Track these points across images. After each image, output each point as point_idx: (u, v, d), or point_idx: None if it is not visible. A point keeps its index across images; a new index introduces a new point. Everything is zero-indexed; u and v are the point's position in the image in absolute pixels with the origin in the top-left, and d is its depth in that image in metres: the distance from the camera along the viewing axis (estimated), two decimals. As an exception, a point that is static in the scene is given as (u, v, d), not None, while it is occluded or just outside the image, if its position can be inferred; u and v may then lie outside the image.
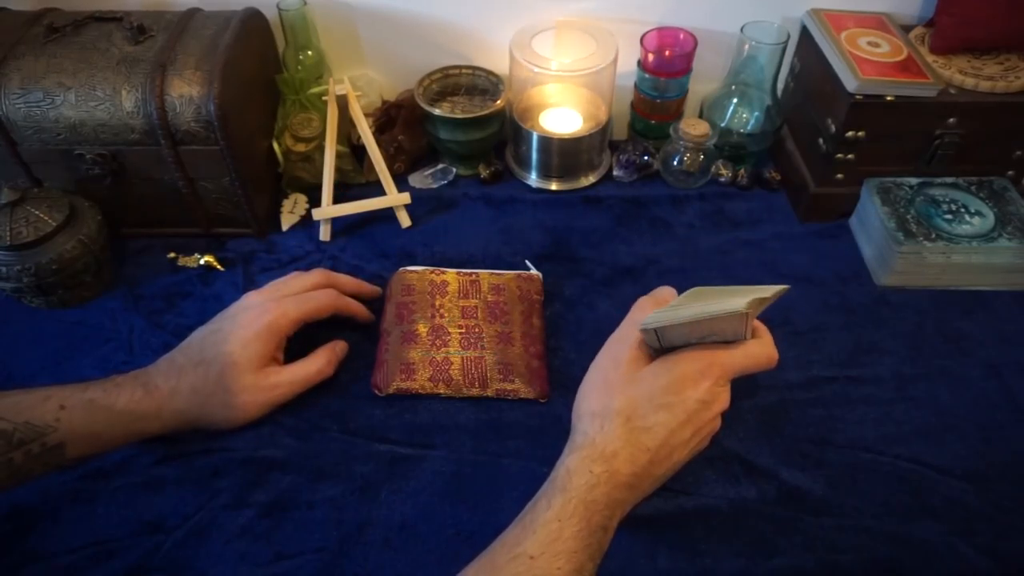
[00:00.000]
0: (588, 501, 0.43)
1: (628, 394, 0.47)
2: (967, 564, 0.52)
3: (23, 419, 0.48)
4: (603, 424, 0.47)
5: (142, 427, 0.53)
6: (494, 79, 0.83)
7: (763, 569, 0.52)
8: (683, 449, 0.47)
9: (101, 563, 0.52)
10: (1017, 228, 0.70)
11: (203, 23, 0.72)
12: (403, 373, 0.61)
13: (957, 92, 0.71)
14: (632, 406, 0.47)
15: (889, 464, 0.58)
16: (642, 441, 0.46)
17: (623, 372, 0.49)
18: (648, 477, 0.46)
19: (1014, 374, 0.64)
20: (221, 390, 0.55)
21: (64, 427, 0.49)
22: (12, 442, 0.47)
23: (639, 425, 0.46)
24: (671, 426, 0.46)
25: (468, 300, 0.67)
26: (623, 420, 0.46)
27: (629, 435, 0.46)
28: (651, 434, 0.46)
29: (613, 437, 0.46)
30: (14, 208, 0.64)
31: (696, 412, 0.47)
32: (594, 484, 0.44)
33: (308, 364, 0.60)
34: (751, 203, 0.82)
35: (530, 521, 0.43)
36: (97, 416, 0.51)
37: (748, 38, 0.76)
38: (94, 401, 0.51)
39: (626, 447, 0.45)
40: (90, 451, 0.51)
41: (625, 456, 0.45)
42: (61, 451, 0.49)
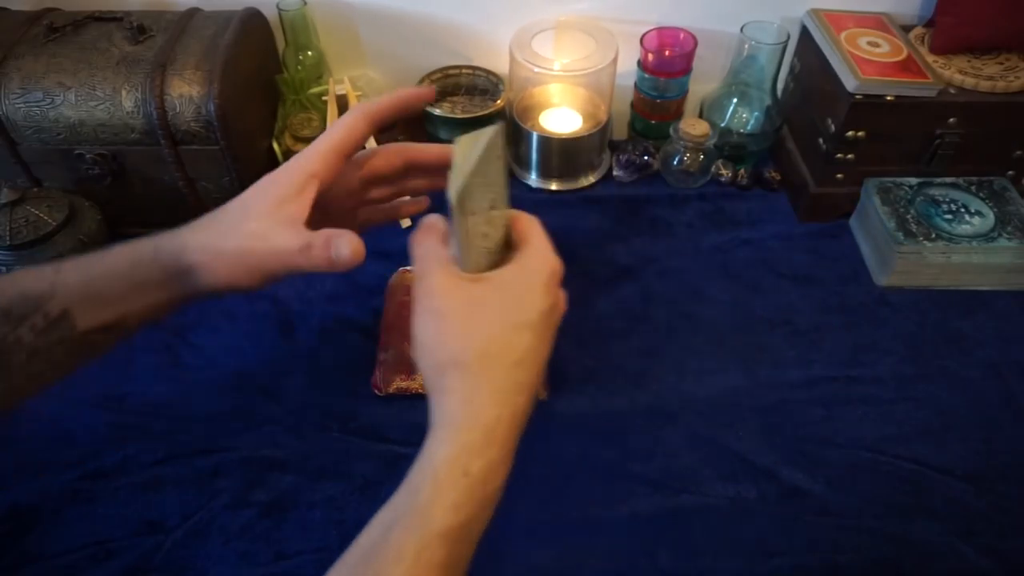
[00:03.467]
0: (452, 529, 0.34)
1: (482, 323, 0.38)
2: (967, 564, 0.52)
3: (17, 290, 0.42)
4: (471, 372, 0.37)
5: (143, 275, 0.44)
6: (494, 79, 0.83)
7: (763, 569, 0.52)
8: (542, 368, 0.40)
9: (101, 563, 0.52)
10: (1017, 228, 0.70)
11: (203, 23, 0.72)
12: (403, 373, 0.61)
13: (957, 92, 0.71)
14: (496, 335, 0.38)
15: (889, 464, 0.58)
16: (520, 379, 0.38)
17: (458, 298, 0.39)
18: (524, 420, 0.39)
19: (1014, 374, 0.64)
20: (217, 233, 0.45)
21: (60, 291, 0.42)
22: (11, 318, 0.41)
23: (511, 360, 0.37)
24: (540, 350, 0.39)
25: None
26: (495, 358, 0.37)
27: (507, 379, 0.37)
28: (523, 367, 0.38)
29: (490, 390, 0.37)
30: (14, 208, 0.64)
31: (550, 324, 0.40)
32: (465, 500, 0.35)
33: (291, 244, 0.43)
34: (751, 203, 0.82)
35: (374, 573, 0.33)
36: (93, 271, 0.44)
37: (748, 38, 0.76)
38: (88, 258, 0.44)
39: (508, 400, 0.37)
40: (100, 317, 0.43)
41: (508, 414, 0.37)
42: (69, 321, 0.42)
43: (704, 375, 0.64)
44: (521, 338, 0.38)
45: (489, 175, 0.41)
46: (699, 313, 0.70)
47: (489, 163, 0.40)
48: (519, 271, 0.41)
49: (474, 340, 0.38)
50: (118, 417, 0.60)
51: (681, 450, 0.59)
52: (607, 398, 0.62)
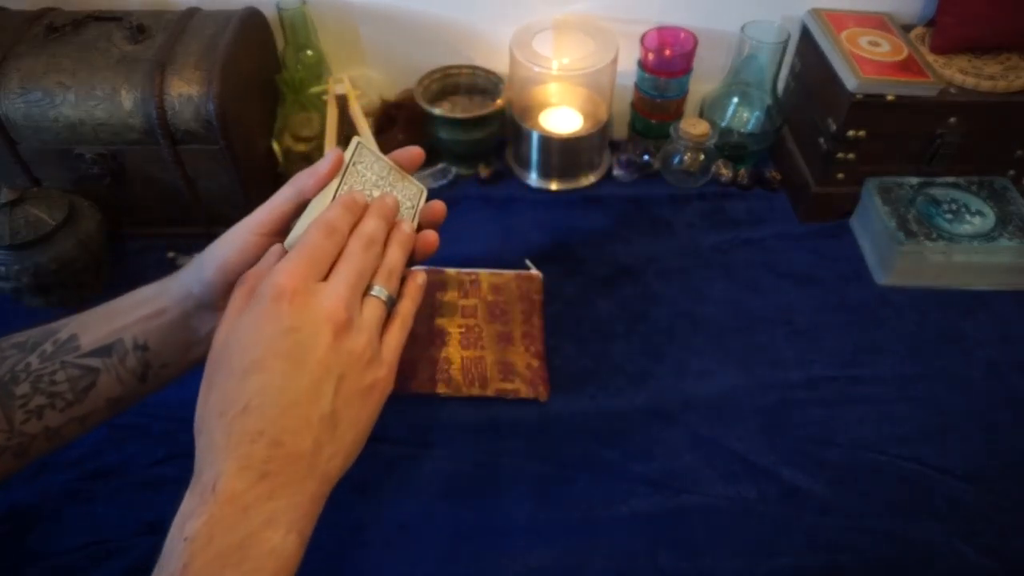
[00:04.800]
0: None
1: (211, 379, 0.36)
2: (968, 564, 0.52)
3: (40, 328, 0.44)
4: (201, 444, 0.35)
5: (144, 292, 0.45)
6: (494, 79, 0.82)
7: (763, 569, 0.52)
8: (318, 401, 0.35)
9: (101, 563, 0.52)
10: (1017, 228, 0.70)
11: (203, 23, 0.72)
12: (402, 373, 0.61)
13: (957, 92, 0.71)
14: (217, 396, 0.35)
15: (890, 464, 0.58)
16: (247, 428, 0.34)
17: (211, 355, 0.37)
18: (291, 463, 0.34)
19: (1014, 374, 0.64)
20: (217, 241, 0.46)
21: (75, 321, 0.44)
22: (26, 348, 0.43)
23: (234, 413, 0.34)
24: (272, 387, 0.34)
25: (468, 300, 0.67)
26: (215, 420, 0.34)
27: (228, 435, 0.34)
28: (253, 414, 0.34)
29: (211, 452, 0.34)
30: (13, 208, 0.64)
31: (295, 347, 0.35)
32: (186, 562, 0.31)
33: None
34: (751, 203, 0.82)
35: None
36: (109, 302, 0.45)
37: (748, 38, 0.76)
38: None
39: (230, 456, 0.33)
40: (103, 334, 0.43)
41: (234, 470, 0.33)
42: (74, 343, 0.43)
43: (704, 375, 0.64)
44: (246, 383, 0.34)
45: None
46: (699, 313, 0.70)
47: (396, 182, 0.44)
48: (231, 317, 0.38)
49: (205, 403, 0.36)
50: (118, 417, 0.60)
51: (681, 450, 0.59)
52: (607, 398, 0.62)
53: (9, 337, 0.44)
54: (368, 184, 0.44)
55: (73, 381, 0.43)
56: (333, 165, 0.43)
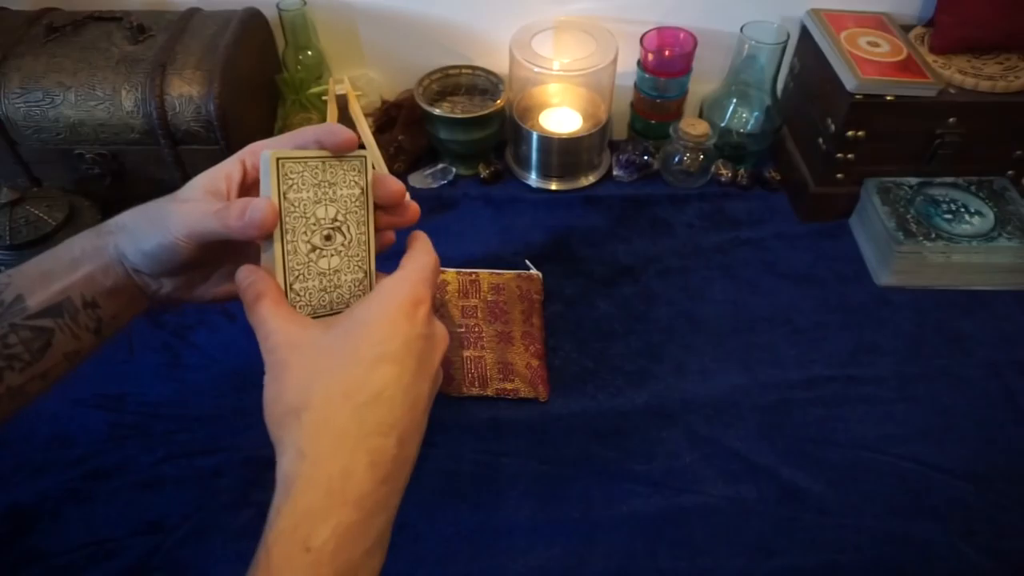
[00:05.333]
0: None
1: (328, 364, 0.34)
2: (967, 564, 0.52)
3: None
4: (316, 424, 0.32)
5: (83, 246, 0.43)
6: (494, 79, 0.83)
7: (763, 569, 0.52)
8: (428, 408, 0.36)
9: (101, 563, 0.52)
10: (1017, 228, 0.70)
11: (203, 23, 0.72)
12: None
13: (957, 92, 0.71)
14: (343, 379, 0.33)
15: (889, 464, 0.58)
16: (378, 420, 0.32)
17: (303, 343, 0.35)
18: (404, 464, 0.34)
19: (1014, 374, 0.64)
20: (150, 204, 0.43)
21: (15, 279, 0.42)
22: None
23: (363, 400, 0.32)
24: (405, 382, 0.34)
25: (468, 300, 0.67)
26: (341, 403, 0.32)
27: (359, 423, 0.32)
28: (385, 404, 0.33)
29: (336, 440, 0.32)
30: (13, 207, 0.64)
31: (425, 352, 0.35)
32: None
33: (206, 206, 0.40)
34: (751, 203, 0.82)
35: None
36: (45, 256, 0.43)
37: (748, 38, 0.76)
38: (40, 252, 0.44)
39: (360, 448, 0.32)
40: (50, 294, 0.42)
41: (364, 465, 0.31)
42: (21, 304, 0.41)
43: (704, 375, 0.64)
44: (376, 372, 0.33)
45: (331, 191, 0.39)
46: (699, 313, 0.70)
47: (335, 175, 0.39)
48: (373, 301, 0.36)
49: (316, 383, 0.33)
50: (118, 417, 0.60)
51: (681, 450, 0.59)
52: (607, 398, 0.62)
53: None
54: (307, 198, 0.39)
55: (27, 342, 0.42)
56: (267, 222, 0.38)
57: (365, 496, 0.31)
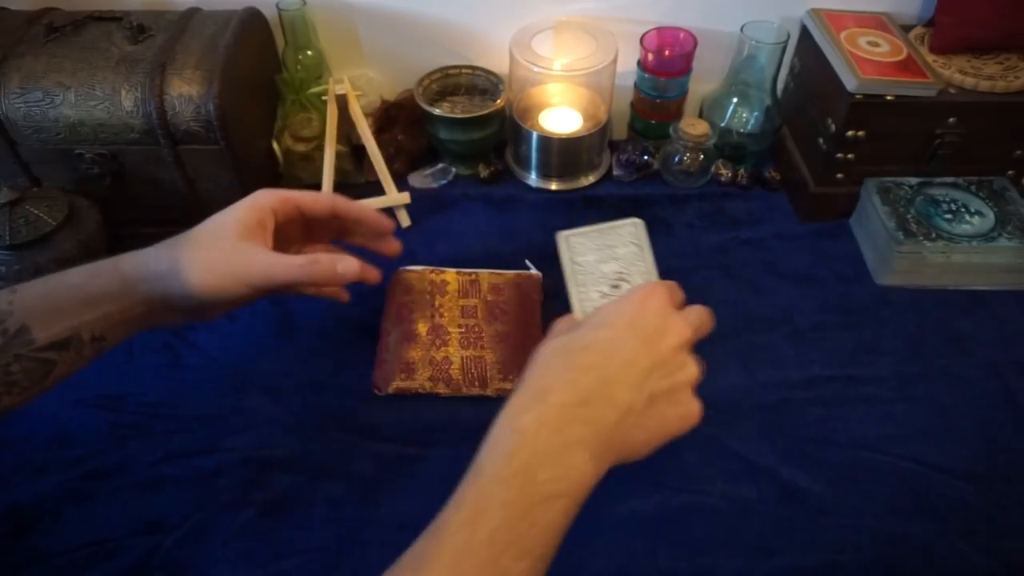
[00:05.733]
0: (508, 477, 0.36)
1: (569, 333, 0.43)
2: (967, 564, 0.52)
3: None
4: (538, 362, 0.41)
5: (100, 286, 0.46)
6: (494, 79, 0.83)
7: (763, 569, 0.52)
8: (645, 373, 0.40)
9: (101, 563, 0.52)
10: (1017, 228, 0.70)
11: (203, 23, 0.72)
12: (403, 373, 0.61)
13: (957, 92, 0.71)
14: (570, 336, 0.42)
15: (889, 464, 0.58)
16: (583, 360, 0.40)
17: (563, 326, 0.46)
18: (605, 403, 0.39)
19: (1014, 374, 0.64)
20: (199, 247, 0.48)
21: (18, 308, 0.44)
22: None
23: (576, 347, 0.40)
24: (614, 340, 0.40)
25: (468, 299, 0.67)
26: (560, 348, 0.41)
27: (568, 360, 0.40)
28: (592, 351, 0.40)
29: (547, 369, 0.40)
30: (13, 207, 0.64)
31: (649, 332, 0.41)
32: (514, 449, 0.36)
33: (294, 256, 0.50)
34: (751, 203, 0.82)
35: (438, 527, 0.36)
36: (50, 286, 0.46)
37: (748, 38, 0.76)
38: (48, 277, 0.46)
39: (563, 374, 0.39)
40: (57, 330, 0.45)
41: (563, 383, 0.39)
42: (27, 336, 0.43)
43: (704, 375, 0.64)
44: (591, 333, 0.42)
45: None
46: (699, 313, 0.70)
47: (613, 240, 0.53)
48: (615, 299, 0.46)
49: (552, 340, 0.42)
50: (118, 417, 0.60)
51: (681, 450, 0.59)
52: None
53: None
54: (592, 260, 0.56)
55: (29, 372, 0.44)
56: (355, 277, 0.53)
57: (564, 405, 0.38)
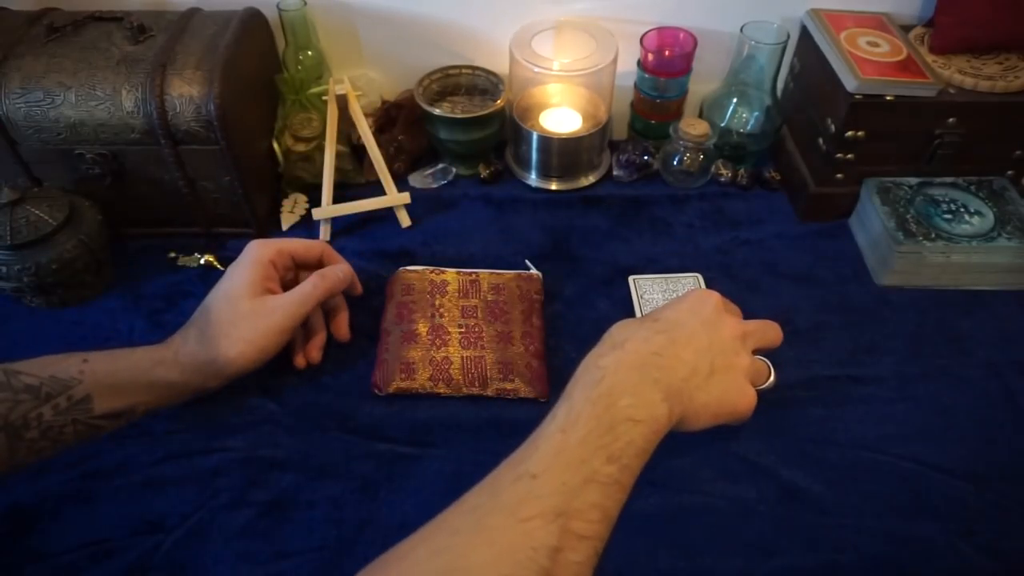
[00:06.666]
0: (595, 398, 0.41)
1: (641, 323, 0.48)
2: (967, 564, 0.52)
3: (48, 373, 0.49)
4: (610, 330, 0.47)
5: (162, 374, 0.53)
6: (494, 79, 0.83)
7: (763, 569, 0.52)
8: (706, 346, 0.46)
9: (101, 562, 0.52)
10: (1016, 228, 0.70)
11: (203, 23, 0.72)
12: (403, 372, 0.61)
13: (957, 92, 0.71)
14: (642, 317, 0.51)
15: (889, 463, 0.58)
16: (654, 327, 0.46)
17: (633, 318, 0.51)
18: (674, 357, 0.45)
19: (1014, 374, 0.64)
20: (224, 323, 0.56)
21: (88, 379, 0.49)
22: (40, 396, 0.47)
23: (646, 320, 0.47)
24: (681, 318, 0.47)
25: (468, 300, 0.67)
26: (631, 322, 0.47)
27: (638, 325, 0.46)
28: (661, 322, 0.47)
29: (620, 329, 0.46)
30: (14, 207, 0.64)
31: (707, 318, 0.48)
32: (600, 378, 0.42)
33: (303, 285, 0.60)
34: (751, 203, 0.82)
35: (535, 436, 0.41)
36: (118, 364, 0.52)
37: (748, 38, 0.76)
38: (115, 353, 0.53)
39: (638, 332, 0.45)
40: (117, 405, 0.51)
41: (639, 338, 0.45)
42: (88, 405, 0.49)
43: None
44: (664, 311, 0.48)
45: None
46: (699, 313, 0.70)
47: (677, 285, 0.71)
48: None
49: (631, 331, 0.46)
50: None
51: (681, 450, 0.59)
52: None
53: (18, 371, 0.48)
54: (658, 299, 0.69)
55: (79, 434, 0.50)
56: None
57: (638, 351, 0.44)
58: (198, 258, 0.73)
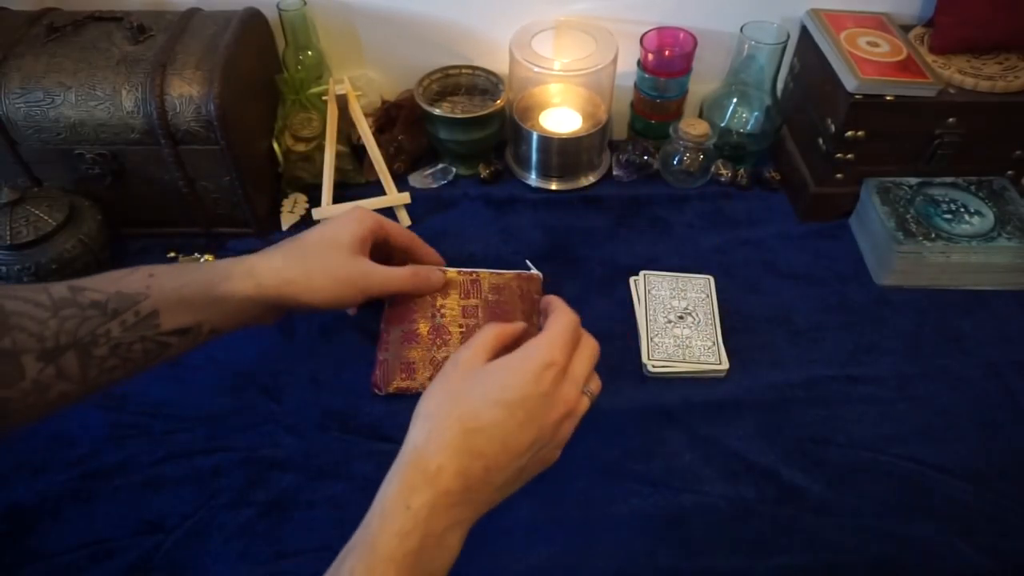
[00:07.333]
0: (400, 556, 0.38)
1: (463, 393, 0.43)
2: (967, 563, 0.52)
3: (115, 289, 0.47)
4: (432, 428, 0.42)
5: (232, 288, 0.51)
6: (494, 79, 0.83)
7: (763, 569, 0.52)
8: (525, 455, 0.43)
9: (101, 562, 0.52)
10: (1016, 228, 0.70)
11: (203, 23, 0.72)
12: (403, 372, 0.61)
13: (956, 92, 0.71)
14: (465, 405, 0.42)
15: (889, 463, 0.58)
16: (475, 445, 0.41)
17: (461, 371, 0.45)
18: (485, 487, 0.42)
19: (1014, 374, 0.64)
20: (319, 256, 0.54)
21: (155, 292, 0.48)
22: (107, 312, 0.46)
23: (471, 427, 0.41)
24: (508, 427, 0.42)
25: (469, 300, 0.67)
26: (454, 421, 0.42)
27: (462, 441, 0.41)
28: (485, 435, 0.41)
29: (441, 445, 0.41)
30: (14, 208, 0.64)
31: (538, 409, 0.43)
32: (410, 530, 0.38)
33: (400, 268, 0.59)
34: (751, 203, 0.82)
35: None
36: (185, 278, 0.50)
37: (748, 38, 0.76)
38: (181, 267, 0.52)
39: (455, 457, 0.41)
40: (184, 321, 0.49)
41: (453, 470, 0.40)
42: (156, 320, 0.48)
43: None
44: (490, 411, 0.42)
45: None
46: (699, 313, 0.70)
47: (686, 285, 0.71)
48: (514, 357, 0.45)
49: (445, 402, 0.43)
50: (118, 417, 0.60)
51: (681, 450, 0.59)
52: (607, 398, 0.62)
53: (83, 288, 0.46)
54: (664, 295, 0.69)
55: (148, 352, 0.48)
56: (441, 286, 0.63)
57: (452, 492, 0.40)
58: (198, 258, 0.73)
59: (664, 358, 0.63)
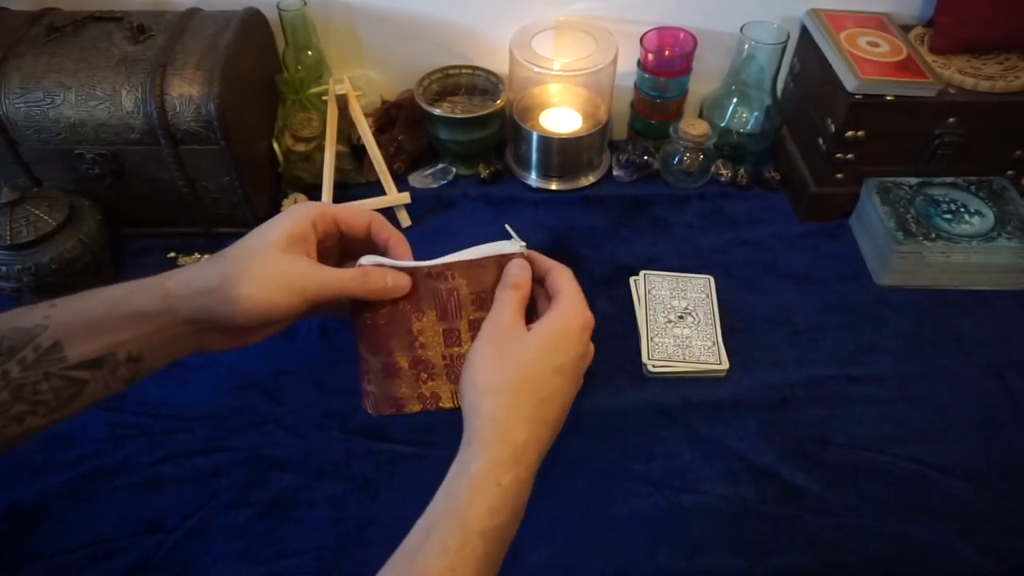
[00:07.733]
0: (489, 530, 0.39)
1: (524, 360, 0.43)
2: (967, 563, 0.52)
3: (9, 325, 0.41)
4: (509, 402, 0.42)
5: (141, 301, 0.43)
6: (494, 79, 0.83)
7: (763, 569, 0.52)
8: (568, 404, 0.45)
9: (101, 562, 0.52)
10: (1016, 228, 0.70)
11: (203, 23, 0.72)
12: (392, 407, 0.52)
13: (957, 92, 0.71)
14: (530, 373, 0.43)
15: (889, 463, 0.58)
16: (546, 415, 0.43)
17: (509, 338, 0.44)
18: (546, 451, 0.44)
19: (1014, 374, 0.64)
20: (244, 258, 0.45)
21: (55, 322, 0.42)
22: (2, 351, 0.41)
23: (542, 396, 0.43)
24: (567, 392, 0.44)
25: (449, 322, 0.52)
26: (527, 392, 0.42)
27: (536, 412, 0.42)
28: (552, 404, 0.43)
29: (523, 418, 0.42)
30: (14, 208, 0.64)
31: (580, 369, 0.45)
32: (499, 506, 0.39)
33: (341, 272, 0.47)
34: (751, 203, 0.82)
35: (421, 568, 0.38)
36: (89, 301, 0.43)
37: (748, 38, 0.76)
38: (89, 292, 0.44)
39: (535, 429, 0.42)
40: (92, 348, 0.42)
41: (534, 441, 0.42)
42: (59, 353, 0.41)
43: None
44: (553, 379, 0.43)
45: None
46: (699, 313, 0.70)
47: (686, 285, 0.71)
48: (558, 321, 0.45)
49: (513, 373, 0.43)
50: (118, 417, 0.60)
51: (681, 450, 0.59)
52: (607, 398, 0.62)
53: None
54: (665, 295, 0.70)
55: (57, 391, 0.42)
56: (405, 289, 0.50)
57: (531, 464, 0.42)
58: (198, 258, 0.73)
59: (664, 358, 0.63)
